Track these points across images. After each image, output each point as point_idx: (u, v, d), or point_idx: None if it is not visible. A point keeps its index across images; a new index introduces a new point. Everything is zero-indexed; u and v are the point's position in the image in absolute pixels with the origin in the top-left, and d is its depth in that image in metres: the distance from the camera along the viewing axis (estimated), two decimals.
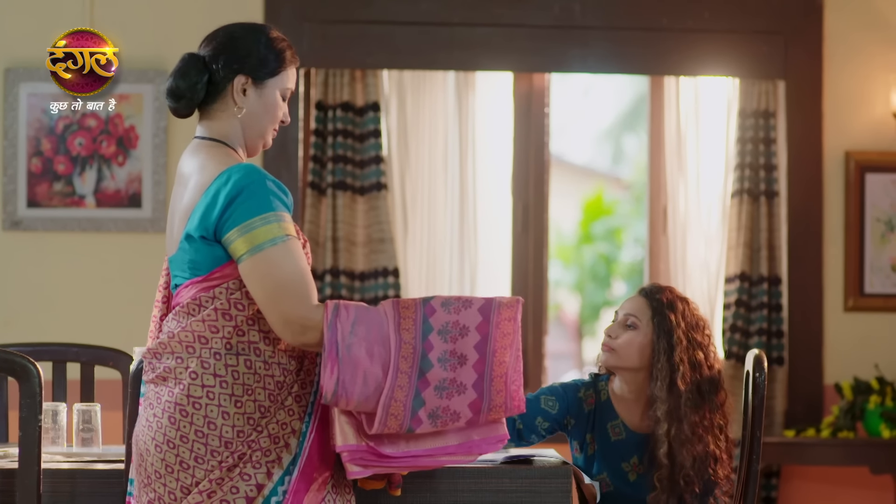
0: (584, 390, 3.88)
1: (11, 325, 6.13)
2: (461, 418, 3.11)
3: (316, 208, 6.30)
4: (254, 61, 3.22)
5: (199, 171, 3.15)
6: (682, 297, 3.83)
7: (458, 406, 3.11)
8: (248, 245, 3.05)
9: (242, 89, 3.22)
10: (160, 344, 3.13)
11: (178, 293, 3.19)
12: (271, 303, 3.04)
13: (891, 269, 6.47)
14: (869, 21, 6.48)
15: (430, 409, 3.09)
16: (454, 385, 3.11)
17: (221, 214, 3.07)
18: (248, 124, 3.24)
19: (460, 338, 3.12)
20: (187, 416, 3.08)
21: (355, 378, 3.05)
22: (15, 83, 6.18)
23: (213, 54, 3.22)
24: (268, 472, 3.08)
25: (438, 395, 3.10)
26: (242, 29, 3.27)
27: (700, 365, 3.77)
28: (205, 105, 3.24)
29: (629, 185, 13.20)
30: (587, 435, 3.86)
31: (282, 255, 3.05)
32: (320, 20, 6.33)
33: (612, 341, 3.80)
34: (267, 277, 3.04)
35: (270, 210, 3.07)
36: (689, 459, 3.70)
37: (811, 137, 6.46)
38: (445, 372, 3.10)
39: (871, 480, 6.40)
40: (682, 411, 3.72)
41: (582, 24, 6.39)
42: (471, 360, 3.12)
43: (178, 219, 3.18)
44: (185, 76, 3.20)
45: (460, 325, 3.12)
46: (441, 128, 6.43)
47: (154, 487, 3.10)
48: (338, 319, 3.05)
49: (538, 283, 6.53)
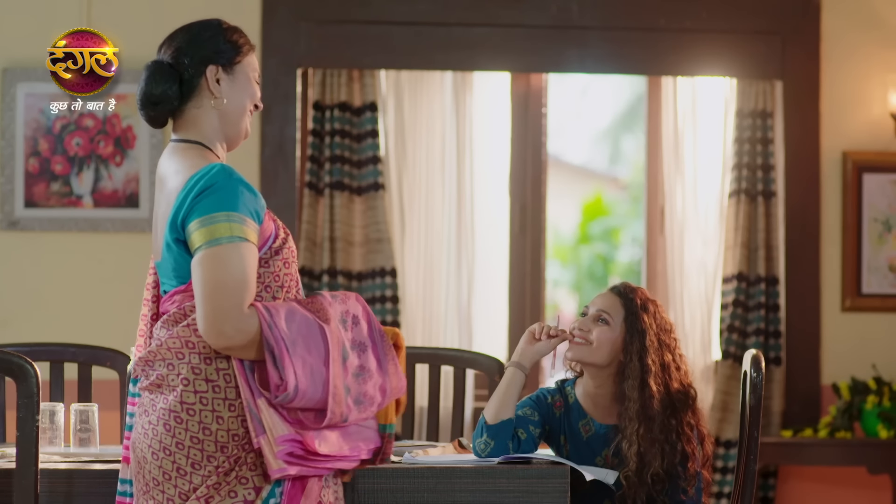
0: (552, 397, 3.93)
1: (9, 325, 6.13)
2: (375, 402, 3.18)
3: (313, 208, 6.30)
4: (219, 50, 3.24)
5: (174, 175, 3.15)
6: (652, 299, 3.88)
7: (372, 390, 3.18)
8: (206, 237, 3.03)
9: (216, 79, 3.23)
10: (150, 352, 3.13)
11: (166, 300, 3.19)
12: (207, 299, 3.01)
13: (888, 269, 6.47)
14: (866, 21, 6.49)
15: (355, 395, 3.14)
16: (364, 371, 3.17)
17: (189, 208, 3.06)
18: (227, 113, 3.25)
19: (354, 326, 3.19)
20: (182, 422, 3.07)
21: (305, 373, 3.06)
22: (12, 83, 6.18)
23: (176, 55, 3.24)
24: (264, 474, 3.07)
25: (356, 381, 3.15)
26: (199, 25, 3.30)
27: (669, 366, 3.81)
28: (178, 107, 3.24)
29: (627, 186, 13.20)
30: (560, 437, 3.90)
31: (236, 254, 3.03)
32: (318, 20, 6.33)
33: (586, 335, 3.83)
34: (216, 271, 3.02)
35: (235, 210, 3.05)
36: (659, 459, 3.74)
37: (808, 137, 6.47)
38: (358, 359, 3.17)
39: (868, 480, 6.40)
40: (654, 411, 3.74)
41: (579, 25, 6.40)
42: (369, 347, 3.19)
43: (160, 225, 3.18)
44: (156, 82, 3.22)
45: (351, 314, 3.19)
46: (438, 128, 6.43)
47: (153, 495, 3.10)
48: (274, 318, 3.05)
49: (536, 283, 6.53)
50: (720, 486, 6.32)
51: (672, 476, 3.78)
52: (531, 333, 3.82)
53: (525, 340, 3.82)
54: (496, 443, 3.71)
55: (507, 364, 3.85)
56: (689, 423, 3.81)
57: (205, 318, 3.02)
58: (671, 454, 3.76)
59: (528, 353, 3.81)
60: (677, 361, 3.85)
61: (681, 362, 3.86)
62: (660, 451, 3.75)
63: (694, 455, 3.79)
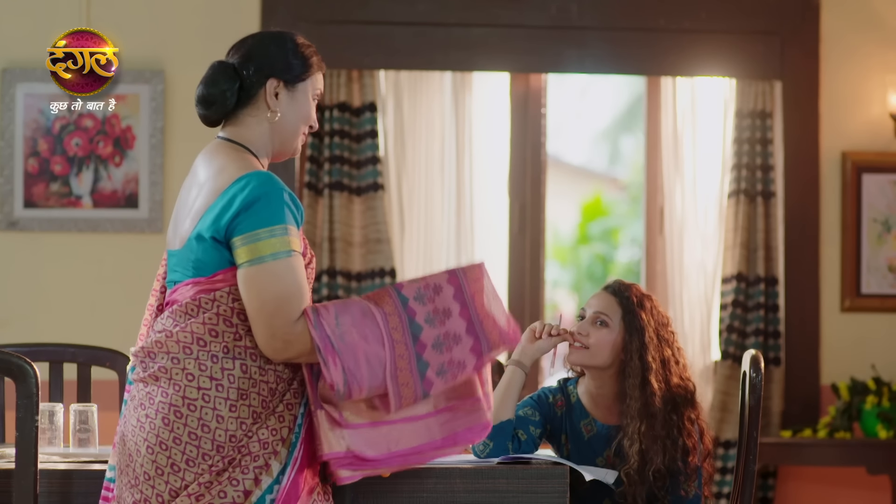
0: (553, 396, 3.93)
1: (8, 325, 6.13)
2: (468, 366, 3.18)
3: (313, 209, 6.30)
4: (284, 65, 3.25)
5: (218, 172, 3.16)
6: (647, 295, 3.89)
7: (461, 355, 3.17)
8: (251, 255, 3.06)
9: (275, 93, 3.24)
10: (155, 343, 3.13)
11: (176, 290, 3.19)
12: (261, 316, 3.05)
13: (887, 270, 6.47)
14: (865, 21, 6.49)
15: (437, 366, 3.15)
16: (449, 338, 3.17)
17: (234, 218, 3.08)
18: (280, 129, 3.27)
19: (437, 296, 3.18)
20: (181, 417, 3.08)
21: (358, 362, 3.08)
22: (11, 84, 6.17)
23: (242, 61, 3.25)
24: (255, 478, 3.08)
25: (438, 351, 3.15)
26: (271, 36, 3.30)
27: (668, 361, 3.82)
28: (234, 111, 3.26)
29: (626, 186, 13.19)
30: (561, 436, 3.90)
31: (282, 270, 3.06)
32: (317, 20, 6.33)
33: (585, 339, 3.83)
34: (263, 290, 3.05)
35: (280, 223, 3.08)
36: (661, 455, 3.74)
37: (808, 138, 6.47)
38: (436, 329, 3.16)
39: (867, 481, 6.40)
40: (655, 408, 3.75)
41: (579, 25, 6.40)
42: (455, 311, 3.19)
43: (188, 217, 3.18)
44: (215, 83, 3.23)
45: (432, 286, 3.19)
46: (438, 128, 6.43)
47: (141, 489, 3.09)
48: (320, 318, 3.07)
49: (535, 284, 6.53)
50: (720, 486, 6.32)
51: (673, 472, 3.78)
52: (532, 331, 3.82)
53: (526, 338, 3.82)
54: (495, 443, 3.71)
55: (506, 363, 3.85)
56: (690, 418, 3.82)
57: (261, 336, 3.07)
58: (672, 450, 3.77)
59: (528, 351, 3.81)
60: (676, 355, 3.85)
61: (679, 356, 3.86)
62: (661, 448, 3.75)
63: (694, 449, 3.80)
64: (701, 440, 3.84)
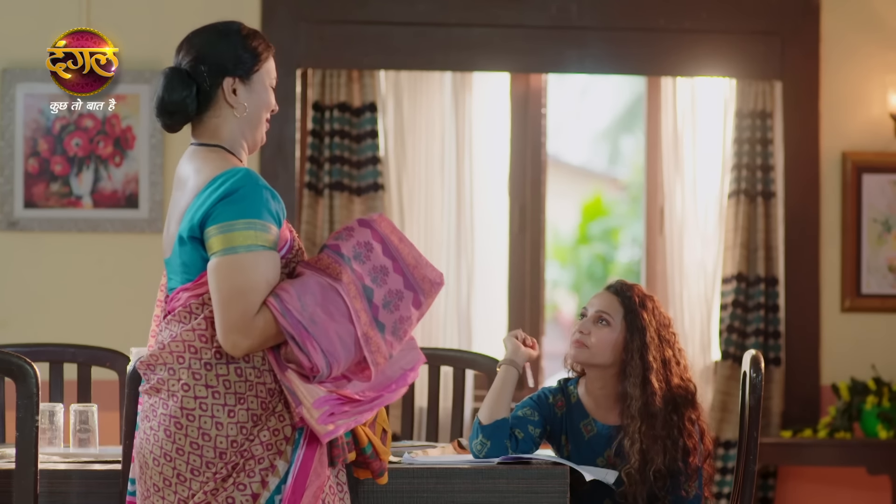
0: (554, 396, 3.92)
1: (8, 325, 6.13)
2: (413, 320, 3.21)
3: (313, 209, 6.30)
4: (235, 61, 3.23)
5: (196, 173, 3.15)
6: (649, 295, 3.90)
7: (406, 311, 3.19)
8: (224, 244, 3.04)
9: (233, 90, 3.22)
10: (152, 356, 3.13)
11: (173, 297, 3.19)
12: (224, 306, 3.03)
13: (888, 270, 6.47)
14: (866, 22, 6.49)
15: (391, 326, 3.16)
16: (393, 296, 3.18)
17: (210, 209, 3.06)
18: (246, 122, 3.25)
19: (370, 253, 3.18)
20: (182, 428, 3.07)
21: (332, 341, 3.06)
22: (11, 84, 6.17)
23: (194, 64, 3.22)
24: (262, 480, 3.07)
25: (388, 310, 3.16)
26: (216, 31, 3.27)
27: (669, 361, 3.82)
28: (197, 115, 3.24)
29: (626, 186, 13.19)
30: (561, 437, 3.90)
31: (251, 263, 3.04)
32: (317, 21, 6.33)
33: (586, 338, 3.83)
34: (229, 280, 3.03)
35: (257, 217, 3.06)
36: (661, 455, 3.74)
37: (808, 138, 6.47)
38: (381, 289, 3.16)
39: (867, 481, 6.40)
40: (656, 408, 3.75)
41: (579, 25, 6.40)
42: (389, 268, 3.19)
43: (174, 221, 3.18)
44: (173, 91, 3.20)
45: (362, 243, 3.18)
46: (438, 128, 6.43)
47: (153, 501, 3.10)
48: (285, 304, 3.04)
49: (535, 284, 6.53)
50: (720, 486, 6.32)
51: (673, 472, 3.78)
52: (514, 337, 3.85)
53: (512, 343, 3.84)
54: (492, 443, 3.71)
55: (499, 362, 3.85)
56: (691, 419, 3.82)
57: (219, 327, 3.04)
58: (673, 450, 3.77)
59: (520, 351, 3.82)
60: (677, 356, 3.86)
61: (680, 356, 3.87)
62: (662, 448, 3.75)
63: (695, 450, 3.80)
64: (701, 441, 3.84)
